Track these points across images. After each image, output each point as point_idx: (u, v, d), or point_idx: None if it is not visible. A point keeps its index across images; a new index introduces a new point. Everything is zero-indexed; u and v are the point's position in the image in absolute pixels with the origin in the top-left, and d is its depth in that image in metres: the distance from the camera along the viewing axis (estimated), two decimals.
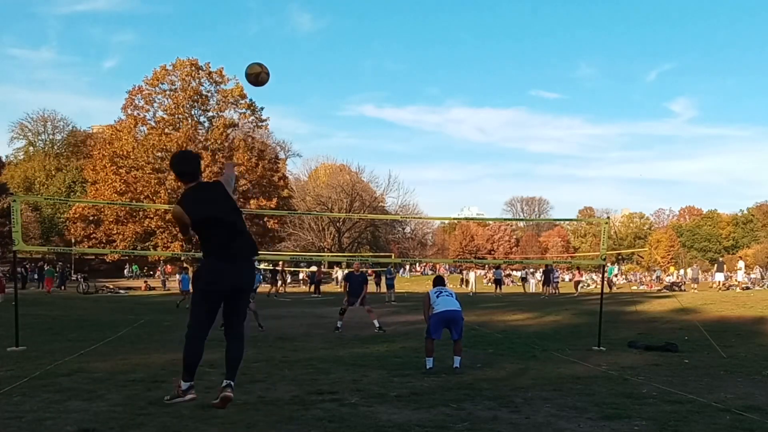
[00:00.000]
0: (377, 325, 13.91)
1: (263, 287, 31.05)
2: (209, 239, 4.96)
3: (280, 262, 35.34)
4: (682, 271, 42.57)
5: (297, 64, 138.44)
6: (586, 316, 15.24)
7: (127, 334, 12.78)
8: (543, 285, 32.89)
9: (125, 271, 46.46)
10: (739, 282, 29.44)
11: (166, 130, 45.29)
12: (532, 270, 47.08)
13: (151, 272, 49.00)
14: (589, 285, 43.66)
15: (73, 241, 46.63)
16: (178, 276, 39.08)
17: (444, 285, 9.52)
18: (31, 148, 68.62)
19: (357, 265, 16.28)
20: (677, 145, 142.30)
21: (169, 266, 48.16)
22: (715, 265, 30.19)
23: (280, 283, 33.64)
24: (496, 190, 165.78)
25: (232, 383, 5.13)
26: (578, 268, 38.00)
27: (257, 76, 6.29)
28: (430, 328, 8.60)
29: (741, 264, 30.34)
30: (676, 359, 9.56)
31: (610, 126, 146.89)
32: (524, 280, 40.58)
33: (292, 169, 69.78)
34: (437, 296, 8.78)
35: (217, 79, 47.32)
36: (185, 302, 20.32)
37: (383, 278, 34.83)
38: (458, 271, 63.43)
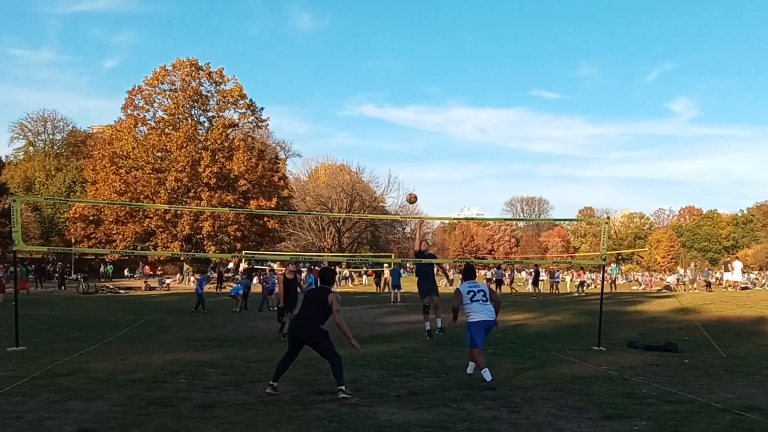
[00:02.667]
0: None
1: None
2: None
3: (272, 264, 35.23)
4: (682, 271, 42.44)
5: (297, 64, 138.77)
6: (586, 316, 15.24)
7: (127, 334, 12.78)
8: (532, 285, 32.88)
9: (101, 270, 46.05)
10: (736, 282, 29.41)
11: (166, 130, 45.31)
12: (530, 270, 46.98)
13: (133, 273, 48.64)
14: (589, 285, 43.61)
15: (73, 241, 46.61)
16: (179, 276, 39.05)
17: (475, 277, 8.33)
18: (31, 148, 68.59)
19: (289, 269, 13.78)
20: (677, 145, 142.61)
21: (148, 267, 48.14)
22: (724, 265, 30.19)
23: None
24: (496, 190, 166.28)
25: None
26: (581, 268, 37.90)
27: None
28: (475, 339, 7.48)
29: (737, 264, 30.30)
30: (676, 359, 9.56)
31: (610, 126, 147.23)
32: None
33: (292, 169, 69.85)
34: (471, 298, 7.64)
35: (217, 79, 47.34)
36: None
37: (382, 278, 34.80)
38: (458, 271, 63.40)
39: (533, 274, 33.26)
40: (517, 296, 29.21)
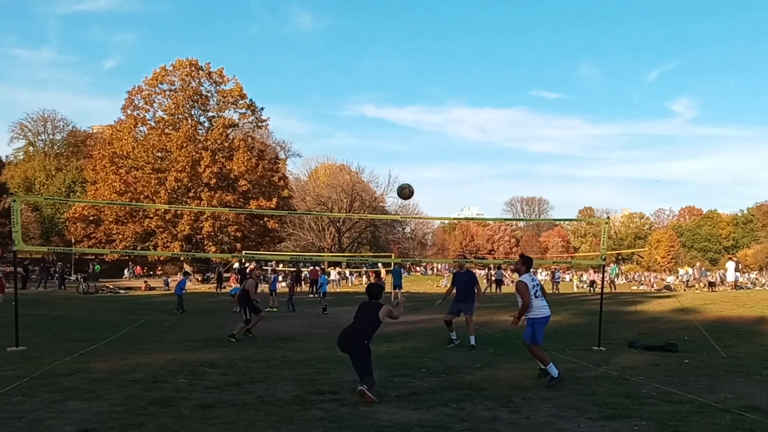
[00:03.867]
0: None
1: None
2: None
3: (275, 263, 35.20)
4: (689, 270, 42.11)
5: (297, 64, 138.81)
6: (586, 316, 15.24)
7: (127, 334, 12.78)
8: (500, 285, 32.18)
9: (88, 270, 45.98)
10: (729, 283, 29.46)
11: (166, 130, 45.30)
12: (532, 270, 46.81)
13: (123, 274, 48.52)
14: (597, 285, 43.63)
15: (73, 241, 46.59)
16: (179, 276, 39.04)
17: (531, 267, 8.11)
18: (31, 148, 68.61)
19: (252, 267, 12.99)
20: (678, 145, 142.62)
21: (139, 267, 48.08)
22: (733, 264, 30.22)
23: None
24: (496, 190, 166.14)
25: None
26: (592, 268, 37.79)
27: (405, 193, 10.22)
28: (536, 335, 7.37)
29: (730, 264, 30.35)
30: (676, 359, 9.56)
31: (610, 126, 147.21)
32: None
33: (292, 169, 69.88)
34: (535, 293, 7.46)
35: (216, 79, 47.33)
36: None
37: (381, 278, 34.78)
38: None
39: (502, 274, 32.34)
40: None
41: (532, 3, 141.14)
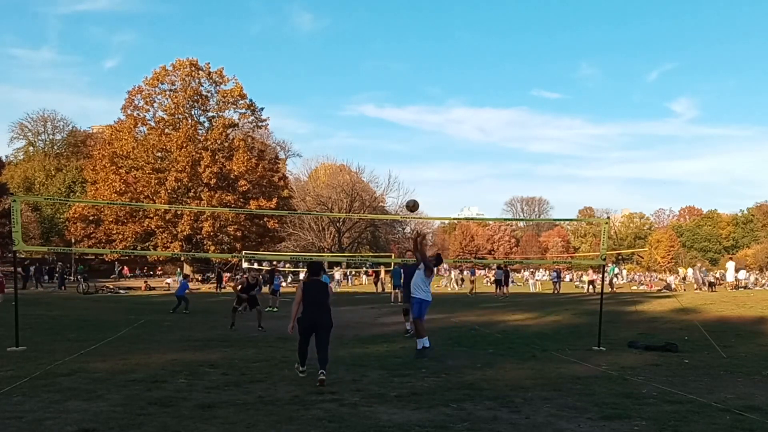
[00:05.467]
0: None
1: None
2: None
3: (273, 263, 35.20)
4: (689, 272, 41.98)
5: (297, 63, 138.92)
6: (586, 316, 15.23)
7: (127, 334, 12.77)
8: (501, 285, 29.91)
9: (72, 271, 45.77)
10: (729, 283, 29.43)
11: (166, 130, 45.31)
12: (532, 270, 47.03)
13: (112, 274, 48.43)
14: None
15: (73, 241, 46.59)
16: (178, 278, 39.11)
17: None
18: (31, 148, 68.61)
19: (251, 275, 15.78)
20: (678, 145, 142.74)
21: (126, 268, 48.01)
22: (733, 264, 30.20)
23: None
24: (496, 190, 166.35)
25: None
26: (592, 268, 37.72)
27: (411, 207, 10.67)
28: (422, 312, 9.72)
29: (730, 265, 30.29)
30: (676, 359, 9.56)
31: (610, 126, 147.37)
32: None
33: (292, 169, 69.88)
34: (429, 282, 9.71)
35: (216, 79, 47.34)
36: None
37: (380, 278, 34.77)
38: (458, 271, 63.42)
39: (503, 274, 29.99)
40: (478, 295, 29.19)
41: (532, 3, 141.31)
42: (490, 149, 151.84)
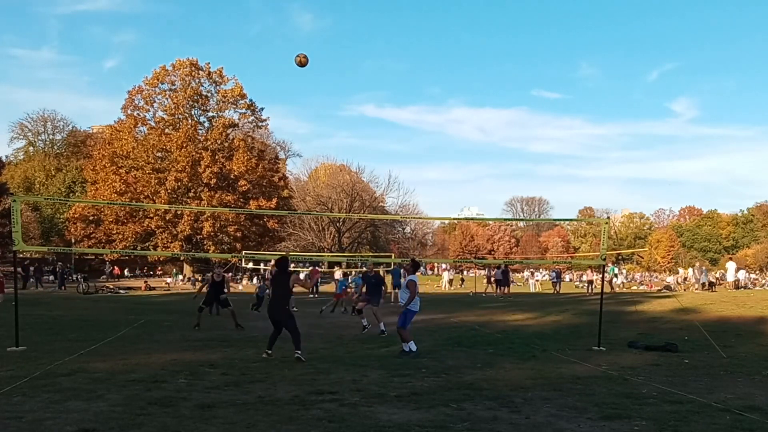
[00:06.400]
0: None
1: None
2: None
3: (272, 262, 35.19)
4: (689, 272, 41.89)
5: None
6: (586, 316, 15.23)
7: (127, 334, 12.77)
8: (501, 285, 30.22)
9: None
10: (729, 283, 29.43)
11: (166, 130, 45.31)
12: (532, 270, 47.02)
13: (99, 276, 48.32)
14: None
15: (73, 241, 46.58)
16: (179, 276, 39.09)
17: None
18: (31, 148, 68.61)
19: (217, 272, 15.35)
20: (678, 145, 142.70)
21: (117, 267, 48.01)
22: (734, 264, 30.26)
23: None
24: (496, 190, 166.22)
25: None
26: (590, 268, 37.61)
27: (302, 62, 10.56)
28: (407, 321, 9.99)
29: (730, 265, 30.28)
30: (676, 359, 9.56)
31: (611, 126, 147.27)
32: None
33: (292, 169, 69.88)
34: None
35: (216, 79, 47.33)
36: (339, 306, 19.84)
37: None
38: (459, 271, 63.50)
39: (502, 273, 29.94)
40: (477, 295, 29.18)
41: (532, 3, 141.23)
42: (490, 149, 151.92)
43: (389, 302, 23.19)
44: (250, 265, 38.43)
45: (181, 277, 44.29)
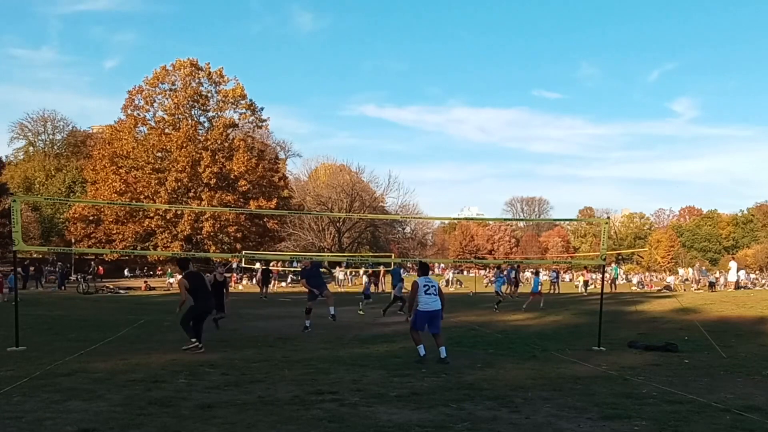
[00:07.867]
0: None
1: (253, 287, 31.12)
2: None
3: (271, 263, 35.20)
4: (690, 272, 41.96)
5: (298, 63, 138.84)
6: (586, 316, 15.23)
7: (127, 334, 12.77)
8: (509, 285, 28.62)
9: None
10: (730, 282, 29.46)
11: (166, 130, 45.31)
12: (532, 270, 46.66)
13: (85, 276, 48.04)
14: (591, 285, 43.60)
15: (73, 241, 46.58)
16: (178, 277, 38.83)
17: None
18: (31, 148, 68.63)
19: (219, 271, 14.67)
20: (678, 145, 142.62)
21: (101, 267, 48.00)
22: (736, 264, 30.31)
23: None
24: (496, 190, 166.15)
25: None
26: (586, 268, 37.59)
27: None
28: (416, 322, 9.20)
29: (732, 264, 30.31)
30: (676, 359, 9.56)
31: (611, 126, 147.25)
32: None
33: (292, 169, 69.88)
34: (426, 290, 9.15)
35: (216, 79, 47.35)
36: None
37: (379, 278, 34.75)
38: (458, 271, 63.45)
39: (514, 273, 28.95)
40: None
41: (532, 3, 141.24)
42: (490, 149, 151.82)
43: (388, 302, 23.24)
44: (258, 265, 38.34)
45: (181, 277, 44.21)
